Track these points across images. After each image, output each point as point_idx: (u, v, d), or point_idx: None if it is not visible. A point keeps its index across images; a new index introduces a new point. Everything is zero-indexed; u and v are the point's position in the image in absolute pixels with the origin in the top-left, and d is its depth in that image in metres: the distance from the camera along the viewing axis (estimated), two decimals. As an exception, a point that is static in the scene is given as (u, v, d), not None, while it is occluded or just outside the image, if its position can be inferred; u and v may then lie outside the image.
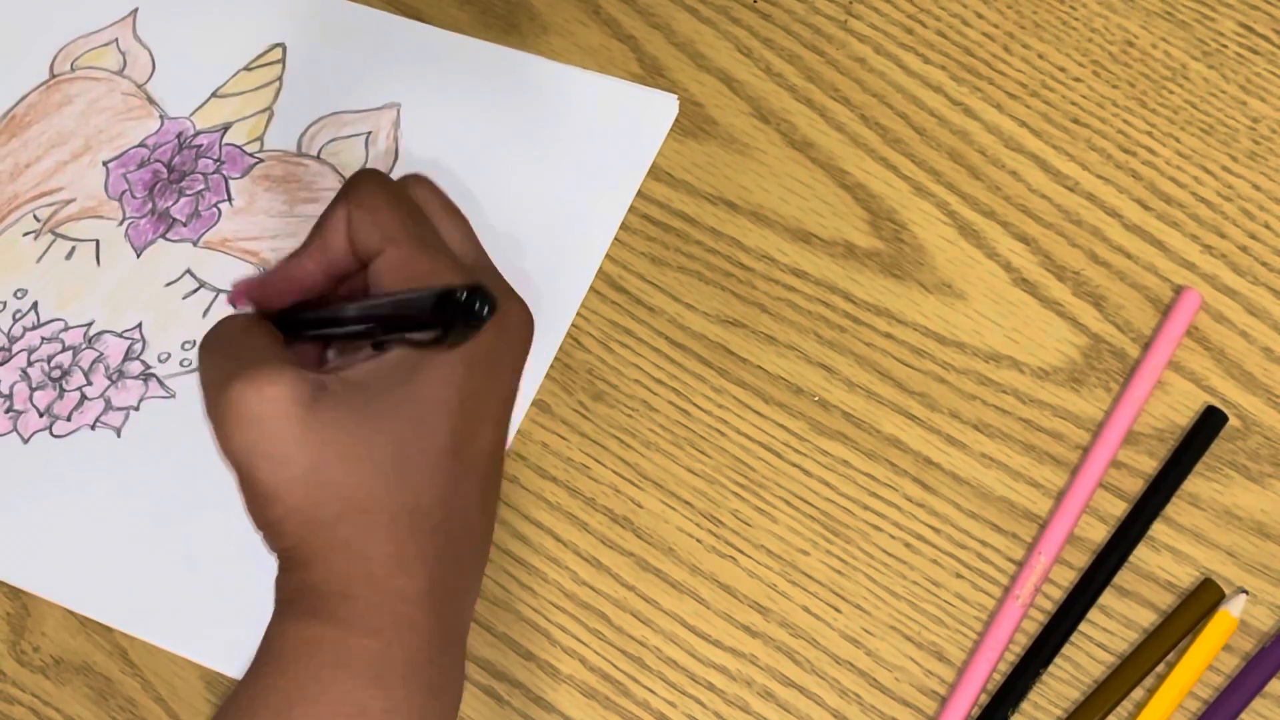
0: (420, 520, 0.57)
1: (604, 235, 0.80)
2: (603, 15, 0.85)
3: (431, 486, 0.57)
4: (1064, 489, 0.72)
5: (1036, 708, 0.70)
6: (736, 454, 0.75)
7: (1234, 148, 0.78)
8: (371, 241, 0.60)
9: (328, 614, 0.57)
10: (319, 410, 0.56)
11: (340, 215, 0.61)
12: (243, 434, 0.56)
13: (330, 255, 0.62)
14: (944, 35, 0.82)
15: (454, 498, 0.58)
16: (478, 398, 0.58)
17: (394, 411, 0.57)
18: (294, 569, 0.58)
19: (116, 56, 0.88)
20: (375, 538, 0.56)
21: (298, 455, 0.56)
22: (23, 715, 0.75)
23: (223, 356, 0.59)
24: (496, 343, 0.59)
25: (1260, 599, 0.70)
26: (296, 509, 0.56)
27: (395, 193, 0.62)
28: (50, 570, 0.77)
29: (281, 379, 0.56)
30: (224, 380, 0.57)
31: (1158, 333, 0.74)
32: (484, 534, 0.61)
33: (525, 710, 0.72)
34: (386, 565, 0.57)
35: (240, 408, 0.56)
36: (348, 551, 0.57)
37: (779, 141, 0.81)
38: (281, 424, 0.56)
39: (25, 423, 0.80)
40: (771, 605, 0.72)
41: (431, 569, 0.57)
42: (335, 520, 0.56)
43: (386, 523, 0.56)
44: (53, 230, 0.84)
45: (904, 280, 0.77)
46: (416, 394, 0.57)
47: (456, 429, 0.57)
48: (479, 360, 0.58)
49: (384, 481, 0.56)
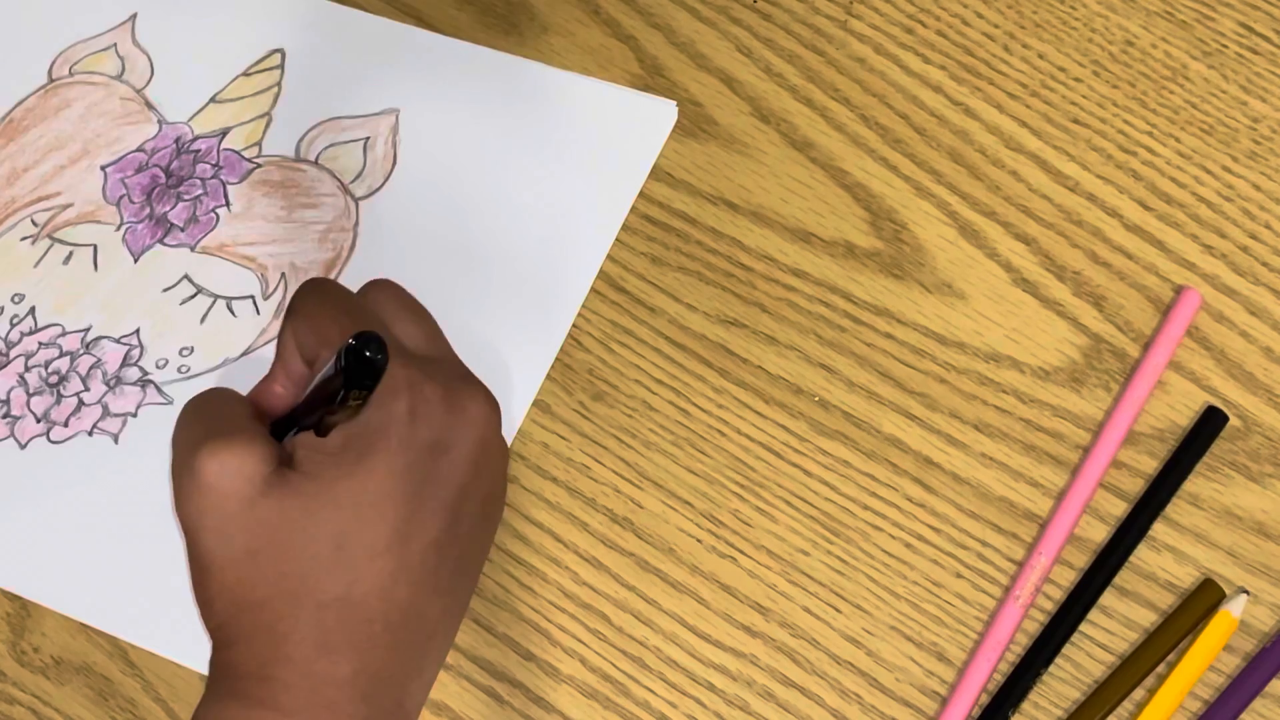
0: (353, 609, 0.57)
1: (603, 238, 0.80)
2: (603, 15, 0.85)
3: (370, 577, 0.57)
4: (1064, 489, 0.72)
5: (1036, 708, 0.70)
6: (736, 454, 0.75)
7: (1234, 148, 0.78)
8: (309, 347, 0.62)
9: (245, 695, 0.57)
10: (269, 494, 0.57)
11: (288, 333, 0.63)
12: (196, 500, 0.58)
13: (292, 374, 0.64)
14: (944, 35, 0.82)
15: (396, 588, 0.58)
16: (426, 487, 0.59)
17: (338, 501, 0.57)
18: (221, 648, 0.59)
19: (115, 61, 0.88)
20: (299, 622, 0.57)
21: (239, 535, 0.57)
22: (23, 715, 0.75)
23: (198, 421, 0.60)
24: (448, 431, 0.59)
25: (1260, 599, 0.70)
26: (228, 587, 0.58)
27: (335, 299, 0.63)
28: (47, 576, 0.76)
29: (247, 452, 0.57)
30: (193, 443, 0.58)
31: (1158, 333, 0.74)
32: (437, 621, 0.61)
33: (525, 710, 0.72)
34: (306, 649, 0.57)
35: (200, 474, 0.57)
36: (270, 634, 0.57)
37: (779, 141, 0.81)
38: (231, 501, 0.57)
39: (22, 428, 0.80)
40: (772, 605, 0.72)
41: (362, 655, 0.57)
42: (261, 604, 0.57)
43: (313, 609, 0.57)
44: (50, 235, 0.84)
45: (904, 280, 0.77)
46: (361, 485, 0.57)
47: (399, 521, 0.58)
48: (426, 448, 0.59)
49: (317, 571, 0.57)
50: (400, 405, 0.58)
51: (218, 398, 0.63)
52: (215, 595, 0.58)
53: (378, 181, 0.83)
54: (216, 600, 0.58)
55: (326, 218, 0.82)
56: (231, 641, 0.58)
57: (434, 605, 0.60)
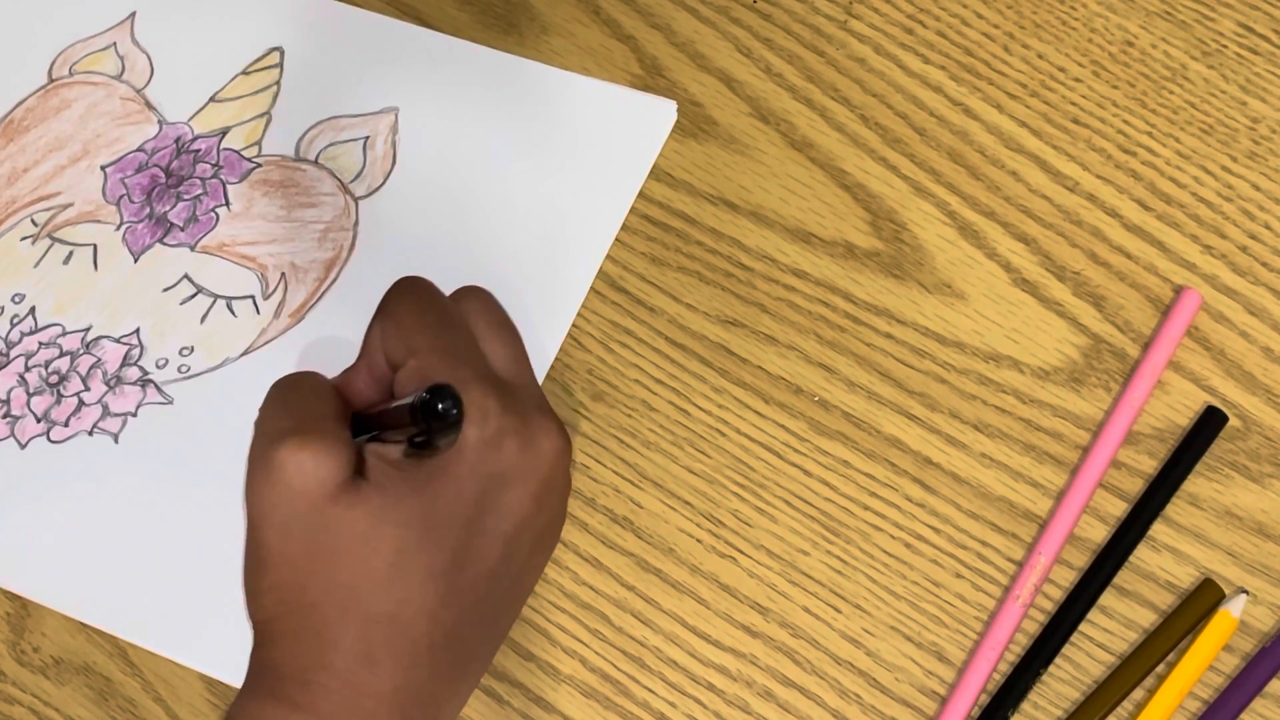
0: (401, 627, 0.57)
1: (603, 238, 0.80)
2: (603, 15, 0.85)
3: (421, 598, 0.57)
4: (1064, 489, 0.72)
5: (1036, 708, 0.70)
6: (736, 454, 0.75)
7: (1234, 148, 0.78)
8: (397, 353, 0.61)
9: (285, 697, 0.57)
10: (339, 500, 0.56)
11: (375, 329, 0.62)
12: (267, 493, 0.57)
13: (375, 372, 0.62)
14: (944, 35, 0.82)
15: (444, 611, 0.58)
16: (488, 517, 0.58)
17: (402, 519, 0.57)
18: (264, 644, 0.59)
19: (115, 61, 0.88)
20: (346, 632, 0.57)
21: (301, 536, 0.57)
22: (23, 715, 0.75)
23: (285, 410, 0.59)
24: (518, 464, 0.59)
25: (1260, 599, 0.70)
26: (281, 585, 0.57)
27: (426, 302, 0.63)
28: (47, 576, 0.76)
29: (327, 455, 0.56)
30: (277, 434, 0.57)
31: (1158, 333, 0.74)
32: (478, 645, 0.61)
33: (525, 710, 0.72)
34: (350, 660, 0.57)
35: (277, 468, 0.56)
36: (317, 639, 0.57)
37: (779, 141, 0.81)
38: (301, 500, 0.56)
39: (23, 428, 0.80)
40: (771, 605, 0.72)
41: (404, 672, 0.57)
42: (311, 607, 0.57)
43: (362, 621, 0.57)
44: (50, 235, 0.84)
45: (904, 280, 0.77)
46: (427, 507, 0.57)
47: (458, 547, 0.57)
48: (494, 478, 0.58)
49: (371, 585, 0.57)
50: (474, 432, 0.57)
51: (308, 386, 0.61)
52: (266, 590, 0.58)
53: (377, 181, 0.83)
54: (266, 595, 0.58)
55: (326, 217, 0.82)
56: (275, 639, 0.58)
57: (478, 631, 0.60)
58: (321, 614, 0.57)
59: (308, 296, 0.80)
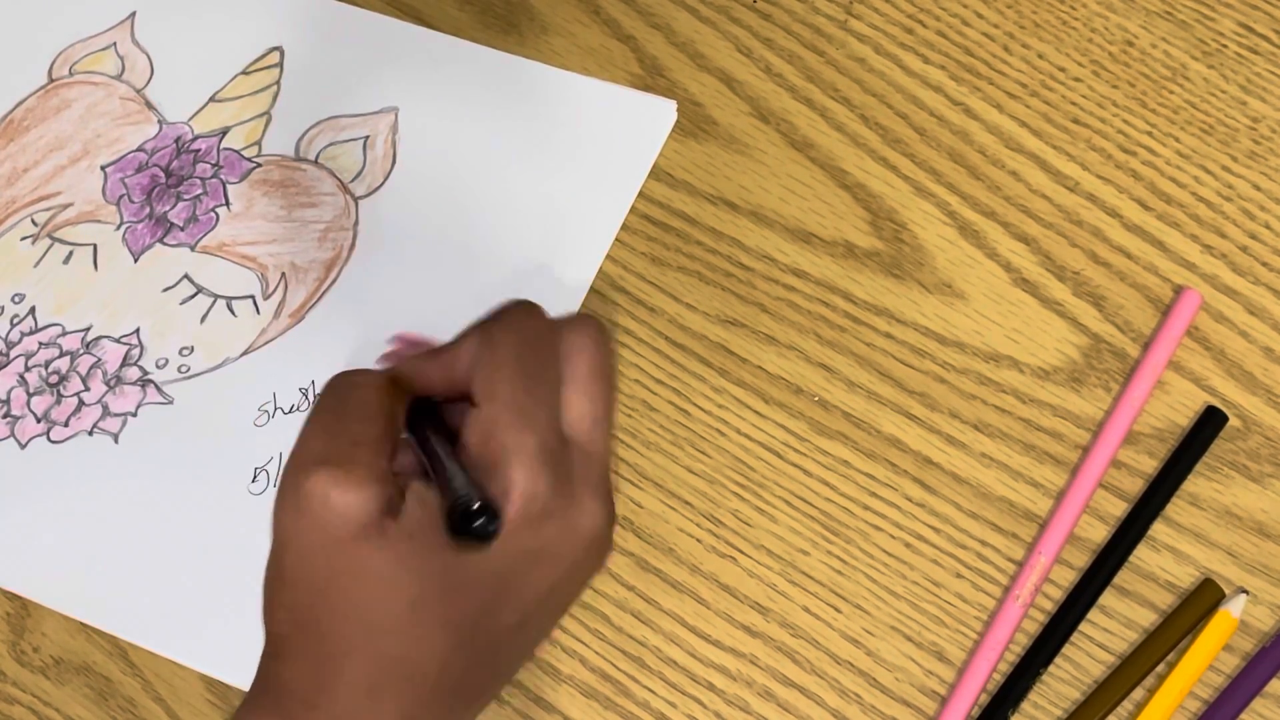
0: (409, 668, 0.56)
1: (603, 238, 0.80)
2: (603, 15, 0.85)
3: (432, 645, 0.56)
4: (1064, 489, 0.72)
5: (1036, 708, 0.70)
6: (736, 454, 0.75)
7: (1234, 148, 0.78)
8: (477, 384, 0.58)
9: (290, 715, 0.57)
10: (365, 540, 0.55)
11: (472, 344, 0.60)
12: (293, 516, 0.56)
13: (453, 373, 0.60)
14: (944, 35, 0.82)
15: (455, 659, 0.57)
16: (514, 583, 0.57)
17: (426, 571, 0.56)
18: (275, 656, 0.58)
19: (115, 61, 0.88)
20: (355, 663, 0.56)
21: (322, 566, 0.56)
22: (23, 715, 0.75)
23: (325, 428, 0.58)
24: (554, 543, 0.58)
25: (1260, 599, 0.70)
26: (297, 605, 0.57)
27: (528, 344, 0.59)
28: (47, 576, 0.76)
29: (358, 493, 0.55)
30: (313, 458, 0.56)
31: (1158, 333, 0.74)
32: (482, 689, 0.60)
33: (525, 710, 0.72)
34: (356, 691, 0.56)
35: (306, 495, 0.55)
36: (326, 664, 0.56)
37: (779, 141, 0.81)
38: (325, 532, 0.55)
39: (23, 428, 0.80)
40: (771, 605, 0.72)
41: (407, 711, 0.57)
42: (324, 634, 0.56)
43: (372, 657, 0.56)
44: (50, 235, 0.84)
45: (904, 280, 0.77)
46: (453, 565, 0.56)
47: (479, 607, 0.57)
48: (528, 554, 0.57)
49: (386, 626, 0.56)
50: (516, 514, 0.56)
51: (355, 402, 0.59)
52: (281, 606, 0.57)
53: (377, 180, 0.83)
54: (281, 611, 0.57)
55: (326, 217, 0.82)
56: (286, 655, 0.57)
57: (486, 676, 0.60)
58: (334, 642, 0.56)
59: (308, 296, 0.80)
